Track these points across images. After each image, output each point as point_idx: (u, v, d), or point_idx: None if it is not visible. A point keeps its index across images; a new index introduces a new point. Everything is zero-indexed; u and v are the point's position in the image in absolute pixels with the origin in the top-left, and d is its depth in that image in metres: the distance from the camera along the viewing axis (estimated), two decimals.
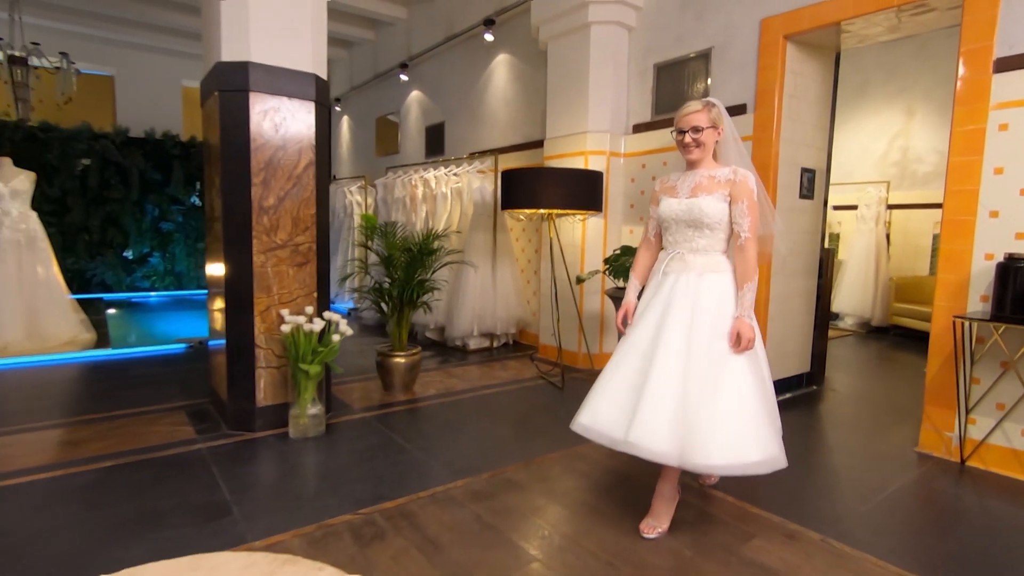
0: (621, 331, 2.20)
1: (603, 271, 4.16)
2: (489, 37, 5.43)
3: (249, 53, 2.78)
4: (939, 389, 2.74)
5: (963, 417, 2.66)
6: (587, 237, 4.40)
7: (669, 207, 2.05)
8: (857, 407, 3.64)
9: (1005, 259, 2.40)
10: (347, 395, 3.59)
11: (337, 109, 8.90)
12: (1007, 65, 2.50)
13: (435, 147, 6.66)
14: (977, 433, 2.65)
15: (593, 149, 4.31)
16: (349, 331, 2.96)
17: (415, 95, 7.07)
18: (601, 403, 2.01)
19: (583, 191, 3.62)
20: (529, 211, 3.77)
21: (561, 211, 3.70)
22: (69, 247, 7.11)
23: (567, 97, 4.45)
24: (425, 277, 3.72)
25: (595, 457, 2.64)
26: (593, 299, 4.44)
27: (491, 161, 5.17)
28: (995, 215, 2.55)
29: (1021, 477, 2.53)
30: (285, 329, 2.79)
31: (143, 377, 3.91)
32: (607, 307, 4.40)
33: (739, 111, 3.56)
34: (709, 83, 3.78)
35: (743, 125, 3.51)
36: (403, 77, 7.02)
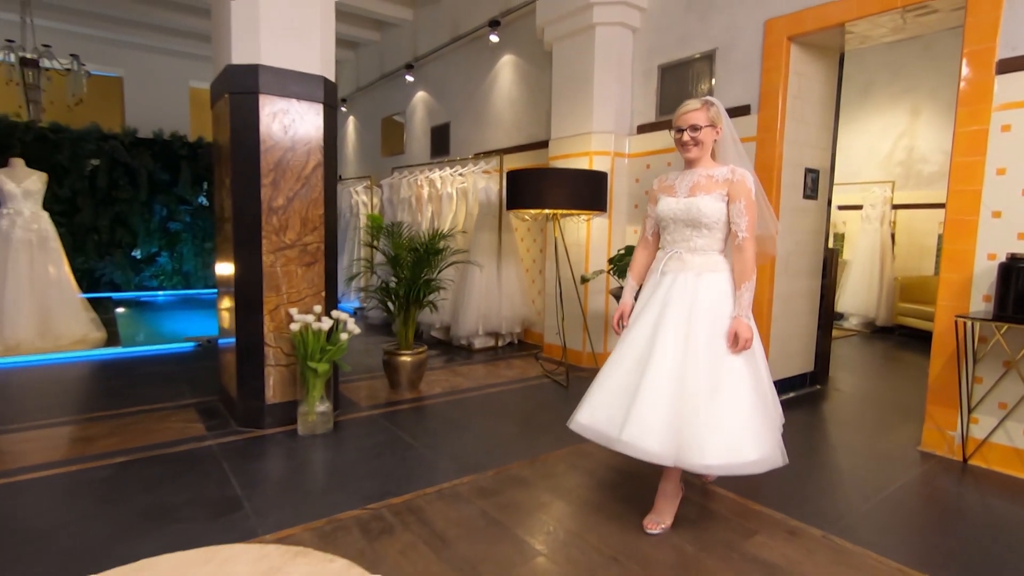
0: (617, 332, 2.22)
1: (607, 271, 4.19)
2: (494, 38, 5.46)
3: (259, 56, 2.82)
4: (942, 388, 2.76)
5: (965, 416, 2.67)
6: (591, 237, 4.43)
7: (667, 206, 2.05)
8: (860, 406, 3.65)
9: (1007, 259, 2.42)
10: (354, 393, 3.63)
11: (343, 109, 8.95)
12: (1010, 66, 2.52)
13: (440, 147, 6.70)
14: (979, 432, 2.67)
15: (598, 149, 4.34)
16: (357, 330, 3.00)
17: (421, 96, 7.11)
18: (598, 402, 2.02)
19: (588, 191, 3.65)
20: (534, 211, 3.80)
21: (566, 211, 3.73)
22: (79, 247, 7.19)
23: (572, 98, 4.48)
24: (431, 276, 3.75)
25: (599, 455, 2.66)
26: (597, 298, 4.47)
27: (496, 161, 5.20)
28: (998, 215, 2.57)
29: (1023, 476, 2.54)
30: (294, 328, 2.83)
31: (153, 375, 3.96)
32: (611, 306, 4.43)
33: (743, 112, 3.58)
34: (713, 84, 3.80)
35: (747, 126, 3.53)
36: (409, 78, 7.06)
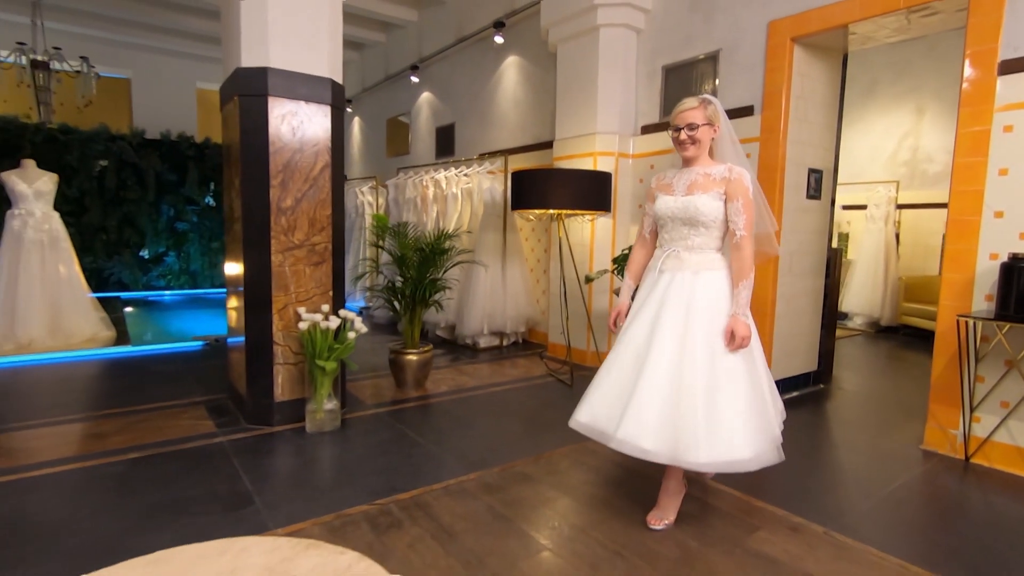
0: (613, 332, 2.24)
1: (611, 270, 4.22)
2: (499, 39, 5.49)
3: (268, 59, 2.87)
4: (944, 387, 2.77)
5: (967, 415, 2.69)
6: (596, 237, 4.46)
7: (665, 204, 2.06)
8: (863, 405, 3.66)
9: (1009, 259, 2.44)
10: (361, 391, 3.67)
11: (348, 110, 9.00)
12: (1012, 67, 2.53)
13: (445, 148, 6.74)
14: (981, 431, 2.68)
15: (602, 150, 4.37)
16: (364, 328, 3.04)
17: (426, 96, 7.15)
18: (597, 401, 2.04)
19: (592, 192, 3.67)
20: (539, 211, 3.83)
21: (570, 211, 3.76)
22: (87, 246, 7.27)
23: (576, 99, 4.51)
24: (437, 276, 3.79)
25: (603, 452, 2.69)
26: (602, 298, 4.50)
27: (501, 162, 5.24)
28: (1000, 215, 2.58)
29: None
30: (302, 326, 2.87)
31: (162, 373, 4.01)
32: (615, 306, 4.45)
33: (746, 113, 3.60)
34: (717, 85, 3.82)
35: (751, 126, 3.56)
36: (414, 79, 7.10)
